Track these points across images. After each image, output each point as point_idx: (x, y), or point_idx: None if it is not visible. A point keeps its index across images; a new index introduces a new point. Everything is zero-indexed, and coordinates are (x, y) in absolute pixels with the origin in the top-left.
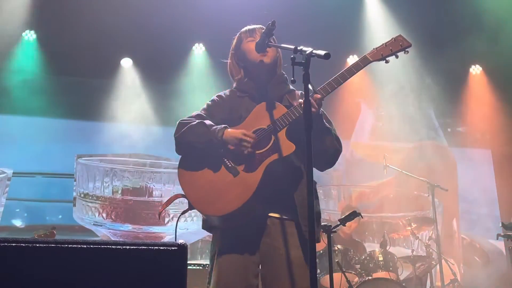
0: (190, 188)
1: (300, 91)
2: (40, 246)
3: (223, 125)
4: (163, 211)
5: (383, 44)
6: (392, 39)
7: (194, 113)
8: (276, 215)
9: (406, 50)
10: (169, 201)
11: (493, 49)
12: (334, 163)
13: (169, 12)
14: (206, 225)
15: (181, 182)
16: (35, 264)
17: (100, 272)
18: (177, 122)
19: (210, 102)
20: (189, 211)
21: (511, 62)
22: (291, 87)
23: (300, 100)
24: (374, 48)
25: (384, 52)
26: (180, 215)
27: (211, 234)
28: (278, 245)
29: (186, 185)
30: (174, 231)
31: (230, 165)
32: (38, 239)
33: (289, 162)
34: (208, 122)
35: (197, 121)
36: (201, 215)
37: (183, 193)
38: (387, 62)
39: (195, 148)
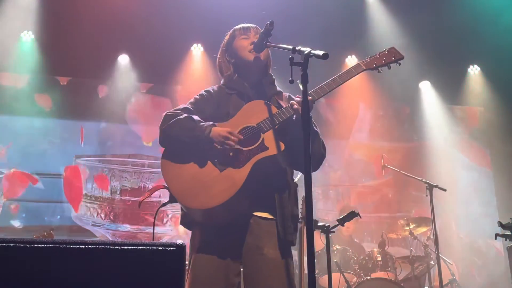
0: (173, 180)
1: (288, 94)
2: (38, 247)
3: (211, 123)
4: (158, 209)
5: (376, 54)
6: (385, 50)
7: (181, 106)
8: (260, 214)
9: (399, 62)
10: (152, 191)
11: (491, 49)
12: (319, 168)
13: (168, 12)
14: (185, 221)
15: (164, 173)
16: (33, 264)
17: (98, 272)
18: (164, 114)
19: (198, 96)
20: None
21: (509, 62)
22: (278, 88)
23: (295, 100)
24: (367, 57)
25: (377, 62)
26: (159, 208)
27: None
28: (260, 244)
29: (169, 177)
30: (153, 226)
31: (216, 160)
32: (36, 240)
33: (276, 163)
34: (196, 117)
35: (185, 115)
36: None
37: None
38: (379, 71)
39: (181, 141)
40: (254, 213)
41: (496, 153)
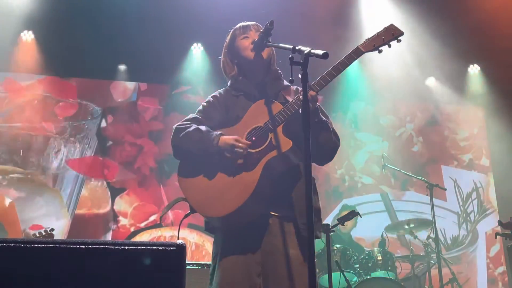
0: (190, 191)
1: (296, 87)
2: (39, 247)
3: (219, 132)
4: (182, 220)
5: (375, 34)
6: (384, 28)
7: (190, 116)
8: (278, 213)
9: (399, 38)
10: (170, 205)
11: (490, 48)
12: (333, 157)
13: (167, 12)
14: (208, 227)
15: (181, 186)
16: (34, 264)
17: (98, 272)
18: (174, 128)
19: (205, 104)
20: None
21: (509, 60)
22: (285, 83)
23: (300, 96)
24: (366, 39)
25: (377, 42)
26: (182, 219)
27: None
28: (279, 244)
29: (186, 190)
30: (177, 235)
31: (227, 170)
32: (37, 240)
33: (287, 160)
34: (204, 128)
35: (194, 127)
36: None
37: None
38: (380, 52)
39: (193, 154)
40: (272, 213)
41: (496, 152)
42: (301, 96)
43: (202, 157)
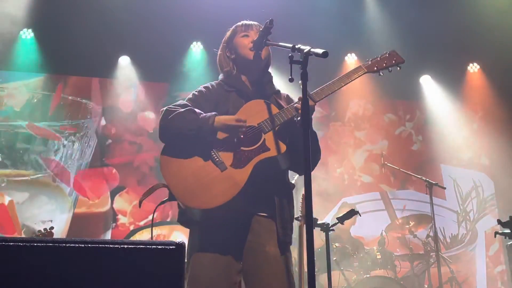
0: (173, 178)
1: (286, 94)
2: (38, 246)
3: (213, 112)
4: (157, 207)
5: (377, 57)
6: (386, 53)
7: (180, 102)
8: (261, 214)
9: (399, 66)
10: (151, 190)
11: (490, 47)
12: (313, 169)
13: (167, 10)
14: (183, 219)
15: (164, 170)
16: (33, 264)
17: (97, 271)
18: (164, 109)
19: (197, 93)
20: None
21: (509, 59)
22: (276, 88)
23: (297, 105)
24: (368, 60)
25: (378, 66)
26: (157, 206)
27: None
28: (262, 241)
29: (168, 175)
30: (151, 224)
31: (217, 159)
32: (36, 239)
33: (276, 164)
34: (197, 110)
35: (185, 108)
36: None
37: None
38: (380, 75)
39: (182, 136)
40: (257, 213)
41: (496, 151)
42: (295, 105)
43: (190, 142)
